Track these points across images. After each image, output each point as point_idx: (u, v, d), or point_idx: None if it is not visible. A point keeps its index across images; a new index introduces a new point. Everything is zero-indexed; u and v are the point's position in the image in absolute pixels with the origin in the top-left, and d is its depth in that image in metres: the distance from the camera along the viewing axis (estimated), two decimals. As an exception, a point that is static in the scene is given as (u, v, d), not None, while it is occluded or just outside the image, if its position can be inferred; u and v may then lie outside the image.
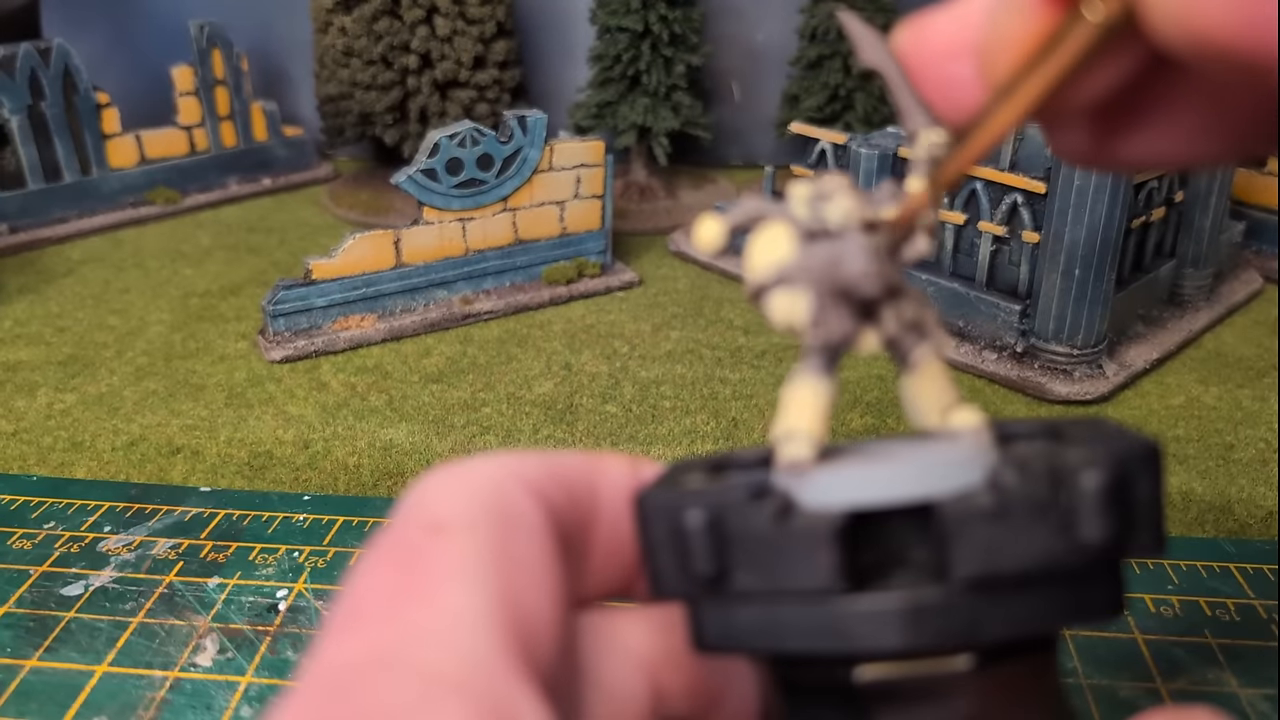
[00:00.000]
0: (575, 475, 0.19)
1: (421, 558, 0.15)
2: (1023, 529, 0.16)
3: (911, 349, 0.19)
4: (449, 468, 0.17)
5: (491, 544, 0.16)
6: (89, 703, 0.34)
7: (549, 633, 0.16)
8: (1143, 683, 0.34)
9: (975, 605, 0.16)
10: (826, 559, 0.16)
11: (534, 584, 0.16)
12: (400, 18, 0.79)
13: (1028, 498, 0.16)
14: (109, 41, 0.97)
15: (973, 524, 0.16)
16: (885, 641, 0.16)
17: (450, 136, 0.62)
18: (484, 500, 0.16)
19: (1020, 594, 0.16)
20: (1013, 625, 0.16)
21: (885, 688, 0.17)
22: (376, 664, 0.14)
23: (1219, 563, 0.40)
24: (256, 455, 0.50)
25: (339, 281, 0.62)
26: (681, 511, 0.17)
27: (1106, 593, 0.16)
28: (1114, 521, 0.15)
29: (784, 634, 0.17)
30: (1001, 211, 0.57)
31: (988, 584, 0.16)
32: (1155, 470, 0.16)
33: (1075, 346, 0.55)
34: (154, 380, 0.57)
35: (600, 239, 0.69)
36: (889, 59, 0.19)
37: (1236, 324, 0.63)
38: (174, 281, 0.71)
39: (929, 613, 0.16)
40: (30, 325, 0.64)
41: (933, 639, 0.16)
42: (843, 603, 0.16)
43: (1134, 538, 0.16)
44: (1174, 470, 0.48)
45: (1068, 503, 0.16)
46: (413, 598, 0.15)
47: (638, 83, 0.82)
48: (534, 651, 0.15)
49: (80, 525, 0.43)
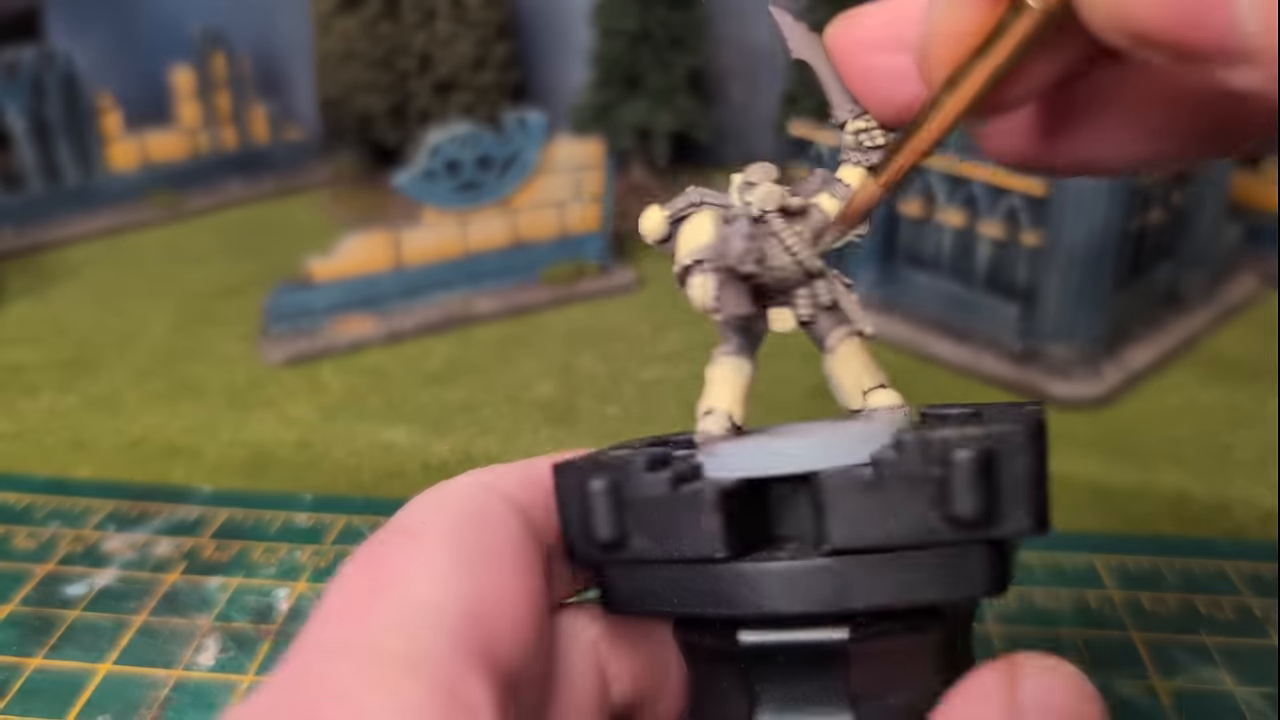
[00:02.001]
0: (547, 477, 0.19)
1: (390, 559, 0.16)
2: (895, 502, 0.16)
3: (828, 332, 0.19)
4: (433, 486, 0.19)
5: (459, 547, 0.17)
6: (92, 702, 0.34)
7: (514, 629, 0.16)
8: (1140, 681, 0.34)
9: (847, 574, 0.16)
10: (711, 525, 0.17)
11: (501, 584, 0.17)
12: (400, 20, 0.79)
13: (901, 472, 0.16)
14: (111, 43, 0.97)
15: (847, 496, 0.16)
16: (762, 606, 0.17)
17: (450, 138, 0.62)
18: (455, 509, 0.18)
19: (894, 566, 0.16)
20: (884, 595, 0.16)
21: (767, 653, 0.17)
22: (338, 650, 0.15)
23: (1216, 562, 0.40)
24: (257, 456, 0.50)
25: (339, 283, 0.62)
26: (586, 480, 0.18)
27: (985, 569, 0.16)
28: (984, 497, 0.16)
29: (676, 597, 0.18)
30: (1000, 213, 0.57)
31: (860, 554, 0.16)
32: (1034, 449, 0.16)
33: (1074, 348, 0.55)
34: (155, 381, 0.57)
35: (600, 240, 0.69)
36: (818, 51, 0.19)
37: (1235, 326, 0.63)
38: (175, 283, 0.71)
39: (801, 580, 0.17)
40: (32, 327, 0.64)
41: (803, 605, 0.17)
42: (725, 569, 0.17)
43: (1008, 515, 0.16)
44: (1172, 470, 0.48)
45: (941, 478, 0.16)
46: (378, 594, 0.16)
47: (637, 85, 0.82)
48: (494, 643, 0.16)
49: (83, 525, 0.43)
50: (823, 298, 0.19)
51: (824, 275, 0.19)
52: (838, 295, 0.19)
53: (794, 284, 0.19)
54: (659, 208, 0.19)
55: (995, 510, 0.16)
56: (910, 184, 0.61)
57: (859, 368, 0.19)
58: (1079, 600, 0.38)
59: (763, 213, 0.19)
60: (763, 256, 0.18)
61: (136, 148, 0.82)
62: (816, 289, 0.19)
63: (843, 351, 0.19)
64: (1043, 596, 0.38)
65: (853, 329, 0.19)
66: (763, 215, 0.19)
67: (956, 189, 0.59)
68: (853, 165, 0.19)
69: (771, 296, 0.19)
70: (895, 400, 0.19)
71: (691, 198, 0.19)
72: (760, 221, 0.19)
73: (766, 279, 0.19)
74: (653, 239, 0.19)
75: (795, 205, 0.19)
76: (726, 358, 0.20)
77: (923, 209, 0.61)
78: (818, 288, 0.19)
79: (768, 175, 0.19)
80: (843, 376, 0.19)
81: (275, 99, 0.94)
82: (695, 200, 0.19)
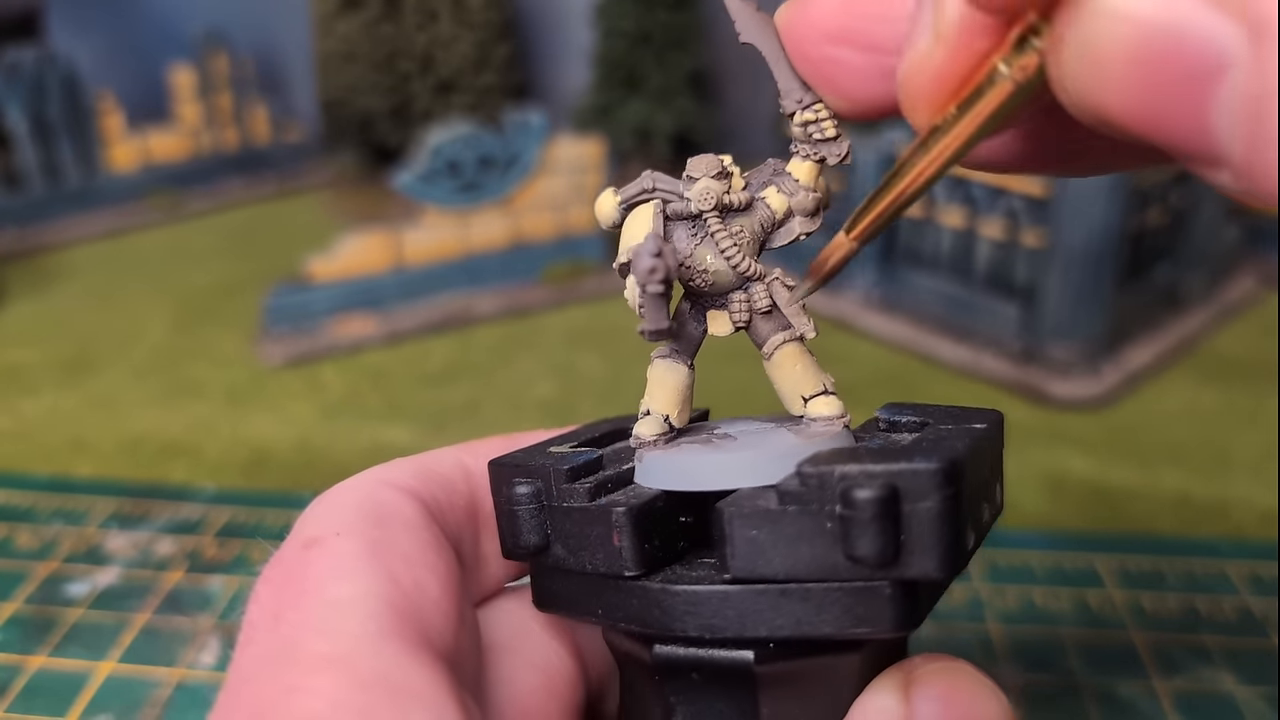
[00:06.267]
0: (447, 469, 0.20)
1: (298, 570, 0.16)
2: (795, 537, 0.16)
3: (765, 337, 0.19)
4: (324, 493, 0.18)
5: (365, 543, 0.17)
6: (94, 701, 0.34)
7: (439, 609, 0.16)
8: (1140, 681, 0.34)
9: (748, 603, 0.16)
10: (621, 544, 0.17)
11: (416, 569, 0.17)
12: (401, 21, 0.79)
13: (801, 507, 0.15)
14: (111, 43, 0.97)
15: (746, 526, 0.16)
16: (670, 627, 0.17)
17: (451, 138, 0.62)
18: (352, 507, 0.17)
19: (795, 597, 0.16)
20: (784, 627, 0.16)
21: (680, 668, 0.17)
22: (265, 666, 0.15)
23: (1217, 563, 0.40)
24: (257, 455, 0.50)
25: (339, 283, 0.62)
26: (511, 484, 0.18)
27: (891, 608, 0.16)
28: (886, 539, 0.15)
29: (596, 606, 0.18)
30: (1000, 213, 0.57)
31: (758, 584, 0.16)
32: (944, 490, 0.15)
33: (1074, 348, 0.55)
34: (156, 381, 0.57)
35: (600, 240, 0.69)
36: (768, 35, 0.18)
37: (1235, 326, 0.63)
38: (175, 283, 0.71)
39: (704, 605, 0.16)
40: (33, 327, 0.65)
41: (705, 630, 0.16)
42: (636, 586, 0.17)
43: (912, 557, 0.15)
44: (1172, 471, 0.48)
45: (842, 516, 0.15)
46: (292, 605, 0.16)
47: (638, 85, 0.82)
48: (424, 625, 0.16)
49: (84, 525, 0.43)
50: (759, 302, 0.18)
51: (761, 279, 0.18)
52: (776, 298, 0.18)
53: (729, 288, 0.18)
54: (613, 192, 0.19)
55: (899, 552, 0.15)
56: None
57: (798, 374, 0.19)
58: (1079, 600, 0.38)
59: (700, 211, 0.18)
60: (669, 275, 0.17)
61: (137, 148, 0.82)
62: (753, 293, 0.18)
63: (779, 358, 0.19)
64: (1043, 596, 0.38)
65: (791, 334, 0.19)
66: (700, 213, 0.18)
67: (956, 189, 0.59)
68: (801, 159, 0.19)
69: (710, 299, 0.19)
70: (836, 409, 0.18)
71: (644, 183, 0.18)
72: (698, 219, 0.18)
73: (699, 282, 0.18)
74: (606, 225, 0.19)
75: (737, 202, 0.18)
76: (660, 360, 0.19)
77: (923, 209, 0.61)
78: (754, 292, 0.18)
79: (708, 169, 0.18)
80: (781, 383, 0.19)
81: (276, 99, 0.94)
82: (648, 186, 0.18)
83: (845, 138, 0.18)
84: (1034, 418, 0.52)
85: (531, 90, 0.93)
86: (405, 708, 0.14)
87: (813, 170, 0.19)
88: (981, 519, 0.17)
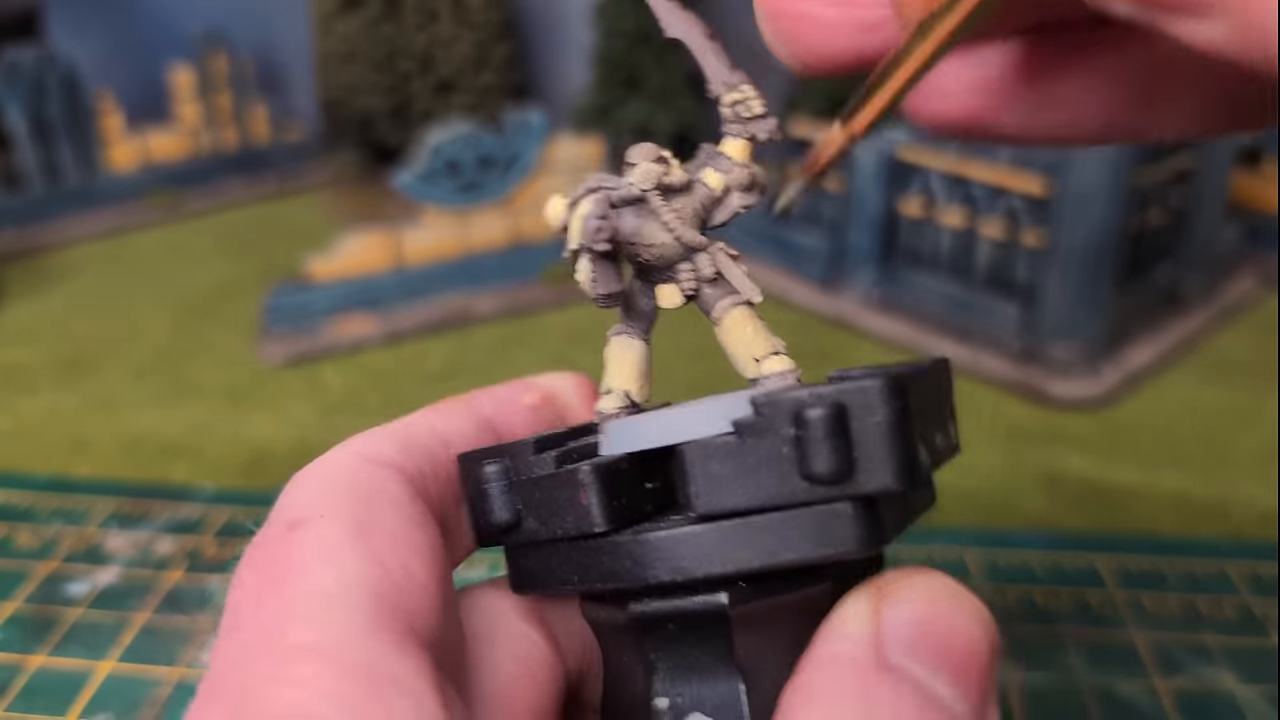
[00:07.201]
0: (426, 438, 0.20)
1: (282, 554, 0.16)
2: (754, 466, 0.16)
3: (714, 303, 0.19)
4: (305, 468, 0.18)
5: (349, 524, 0.16)
6: (94, 701, 0.34)
7: (425, 594, 0.16)
8: (1140, 681, 0.34)
9: (714, 540, 0.16)
10: (589, 501, 0.17)
11: (402, 551, 0.16)
12: (401, 21, 0.79)
13: (757, 435, 0.16)
14: (111, 43, 0.97)
15: (707, 463, 0.16)
16: (644, 577, 0.17)
17: (451, 138, 0.62)
18: (337, 486, 0.17)
19: (759, 528, 0.16)
20: (751, 559, 0.16)
21: (657, 621, 0.18)
22: (246, 656, 0.15)
23: (1217, 562, 0.40)
24: (257, 455, 0.50)
25: (339, 283, 0.62)
26: (480, 465, 0.19)
27: (854, 527, 0.16)
28: (840, 455, 0.15)
29: (572, 574, 0.18)
30: (1000, 213, 0.57)
31: (725, 519, 0.16)
32: (891, 403, 0.15)
33: (1074, 348, 0.55)
34: (155, 380, 0.57)
35: (600, 240, 0.69)
36: (692, 27, 0.20)
37: (1235, 326, 0.63)
38: (175, 282, 0.71)
39: (674, 548, 0.17)
40: (33, 327, 0.65)
41: (676, 574, 0.17)
42: (606, 543, 0.17)
43: (868, 471, 0.16)
44: (1172, 471, 0.48)
45: (796, 437, 0.16)
46: (275, 592, 0.15)
47: (638, 85, 0.82)
48: (409, 614, 0.15)
49: (84, 524, 0.43)
50: (705, 270, 0.19)
51: (705, 249, 0.19)
52: (721, 266, 0.19)
53: (676, 259, 0.19)
54: (560, 196, 0.19)
55: (854, 467, 0.15)
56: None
57: (748, 336, 0.19)
58: (1079, 600, 0.38)
59: (643, 191, 0.19)
60: (616, 234, 0.18)
61: (137, 148, 0.82)
62: (698, 263, 0.19)
63: (728, 322, 0.19)
64: (1043, 596, 0.38)
65: (738, 299, 0.19)
66: (643, 194, 0.19)
67: (956, 189, 0.59)
68: (733, 137, 0.20)
69: (658, 273, 0.19)
70: (789, 364, 0.19)
71: (589, 184, 0.19)
72: (641, 201, 0.19)
73: (647, 257, 0.19)
74: (555, 226, 0.19)
75: (676, 182, 0.19)
76: (616, 338, 0.20)
77: (923, 209, 0.61)
78: (699, 261, 0.19)
79: (647, 155, 0.19)
80: (733, 346, 0.19)
81: (276, 99, 0.94)
82: (592, 185, 0.19)
83: (772, 115, 0.20)
84: (1034, 418, 0.52)
85: (531, 90, 0.93)
86: (388, 698, 0.14)
87: (745, 148, 0.20)
88: (934, 443, 0.17)
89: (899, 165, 0.61)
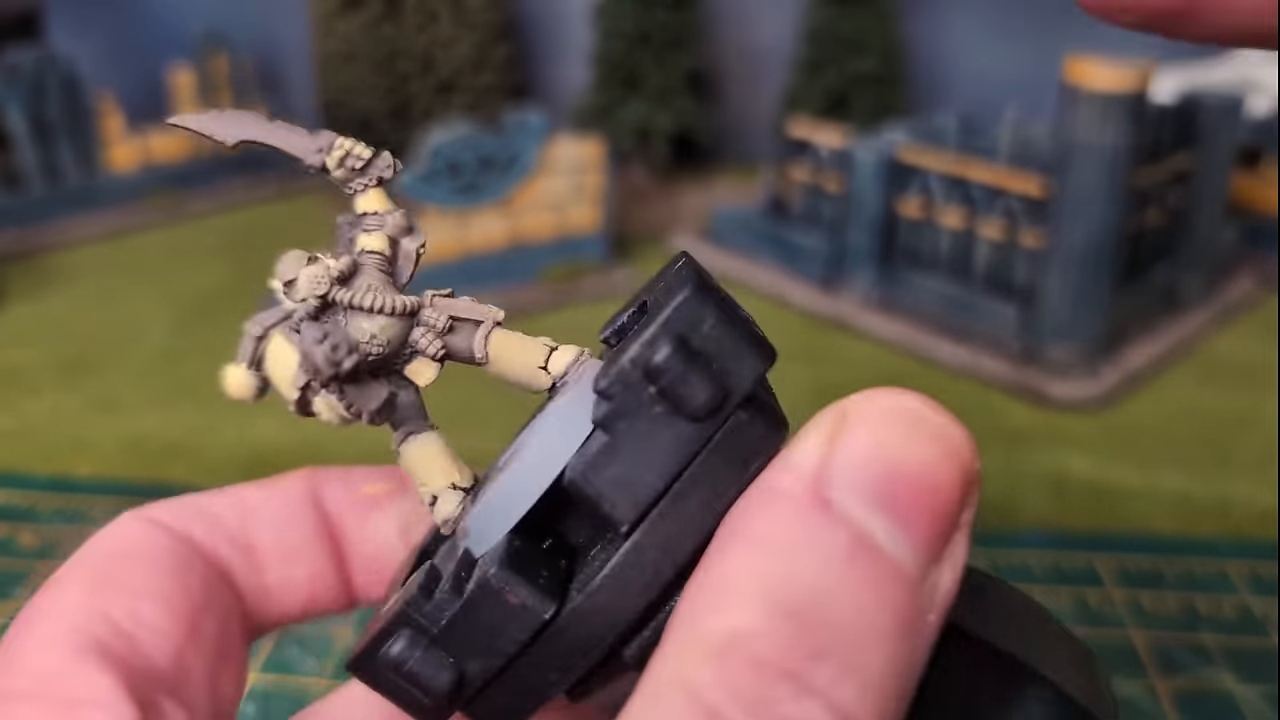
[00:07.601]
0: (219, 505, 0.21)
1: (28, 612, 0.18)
2: (641, 446, 0.15)
3: (467, 346, 0.18)
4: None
5: (90, 578, 0.18)
6: (94, 701, 0.34)
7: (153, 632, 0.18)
8: (1140, 681, 0.34)
9: (656, 535, 0.15)
10: (521, 596, 0.16)
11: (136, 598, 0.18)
12: (401, 22, 0.79)
13: (625, 415, 0.15)
14: (111, 43, 0.97)
15: (598, 475, 0.15)
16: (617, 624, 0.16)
17: (450, 139, 0.62)
18: (101, 547, 0.19)
19: (688, 494, 0.15)
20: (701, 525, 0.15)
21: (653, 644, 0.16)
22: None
23: (1217, 562, 0.40)
24: (257, 456, 0.50)
25: (340, 283, 0.62)
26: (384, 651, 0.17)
27: (761, 423, 0.15)
28: (704, 380, 0.15)
29: (548, 678, 0.16)
30: (1000, 213, 0.57)
31: (651, 510, 0.15)
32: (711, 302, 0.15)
33: (1073, 348, 0.55)
34: (156, 381, 0.57)
35: (599, 240, 0.69)
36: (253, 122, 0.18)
37: (1234, 326, 0.63)
38: (176, 283, 0.71)
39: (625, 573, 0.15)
40: (33, 327, 0.65)
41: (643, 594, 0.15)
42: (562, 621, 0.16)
43: (736, 370, 0.15)
44: (1172, 471, 0.48)
45: (660, 389, 0.15)
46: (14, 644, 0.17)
47: (637, 85, 0.82)
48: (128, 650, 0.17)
49: (85, 524, 0.43)
50: (439, 324, 0.18)
51: (422, 306, 0.18)
52: (448, 310, 0.18)
53: (403, 335, 0.17)
54: (233, 365, 0.18)
55: (723, 378, 0.15)
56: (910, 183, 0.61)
57: (521, 350, 0.18)
58: (1079, 599, 0.38)
59: (319, 299, 0.17)
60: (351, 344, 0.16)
61: (137, 148, 0.82)
62: (426, 322, 0.18)
63: (494, 350, 0.18)
64: (1043, 596, 0.38)
65: (486, 327, 0.18)
66: (325, 298, 0.17)
67: (955, 190, 0.59)
68: (362, 192, 0.18)
69: (396, 360, 0.18)
70: (575, 352, 0.18)
71: (253, 332, 0.17)
72: (329, 306, 0.17)
73: (375, 351, 0.17)
74: (248, 398, 0.18)
75: (344, 268, 0.17)
76: (404, 445, 0.18)
77: (922, 210, 0.61)
78: (426, 320, 0.18)
79: (298, 263, 0.17)
80: (512, 369, 0.18)
81: (276, 99, 0.94)
82: (258, 334, 0.17)
83: (381, 150, 0.18)
84: (1033, 418, 0.52)
85: (531, 90, 0.93)
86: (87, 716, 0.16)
87: (379, 195, 0.18)
88: None
89: (898, 166, 0.62)
